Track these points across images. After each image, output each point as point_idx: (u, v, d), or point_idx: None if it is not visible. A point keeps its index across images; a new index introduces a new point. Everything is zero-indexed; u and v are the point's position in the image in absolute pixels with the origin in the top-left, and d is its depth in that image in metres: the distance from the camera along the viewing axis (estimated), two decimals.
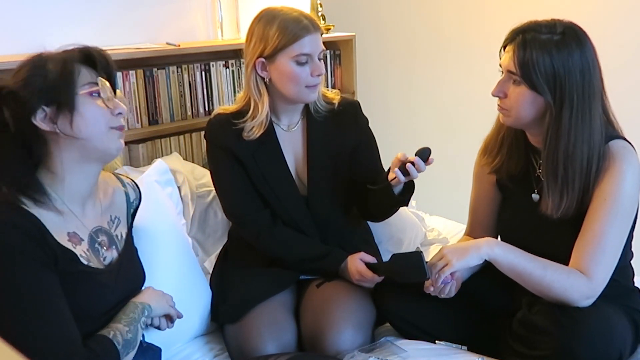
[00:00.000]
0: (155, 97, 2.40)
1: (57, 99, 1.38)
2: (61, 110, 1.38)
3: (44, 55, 1.43)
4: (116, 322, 1.45)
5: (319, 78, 1.92)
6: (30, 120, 1.38)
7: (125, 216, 1.61)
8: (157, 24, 2.60)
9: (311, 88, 1.93)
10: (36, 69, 1.40)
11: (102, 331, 1.43)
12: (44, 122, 1.39)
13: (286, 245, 1.96)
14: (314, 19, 1.92)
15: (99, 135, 1.42)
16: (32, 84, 1.38)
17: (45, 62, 1.41)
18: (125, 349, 1.43)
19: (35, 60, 1.42)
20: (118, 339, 1.42)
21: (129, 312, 1.49)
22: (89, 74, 1.44)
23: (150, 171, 2.07)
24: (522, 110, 1.65)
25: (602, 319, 1.57)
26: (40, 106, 1.38)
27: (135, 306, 1.51)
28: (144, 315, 1.51)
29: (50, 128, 1.39)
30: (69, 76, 1.40)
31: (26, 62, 1.43)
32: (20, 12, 2.25)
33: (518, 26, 1.66)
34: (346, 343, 1.77)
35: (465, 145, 2.30)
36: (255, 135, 1.95)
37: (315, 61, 1.90)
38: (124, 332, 1.44)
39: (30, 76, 1.39)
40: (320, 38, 1.92)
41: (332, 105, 2.03)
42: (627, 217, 1.65)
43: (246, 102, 1.97)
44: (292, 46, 1.87)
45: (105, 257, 1.49)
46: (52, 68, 1.40)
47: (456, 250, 1.68)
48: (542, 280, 1.62)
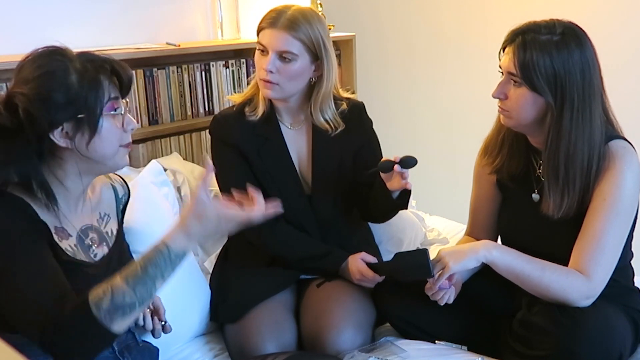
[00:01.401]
0: (155, 97, 2.40)
1: (79, 117, 1.33)
2: (80, 128, 1.34)
3: (66, 64, 1.34)
4: (119, 277, 1.27)
5: (267, 74, 1.87)
6: (48, 135, 1.33)
7: (115, 212, 1.60)
8: (157, 24, 2.60)
9: (261, 82, 1.91)
10: (59, 82, 1.32)
11: (97, 287, 1.26)
12: (61, 138, 1.35)
13: (287, 244, 1.96)
14: (293, 20, 1.86)
15: (109, 155, 1.41)
16: (54, 98, 1.31)
17: (67, 72, 1.33)
18: (112, 313, 1.23)
19: (56, 68, 1.33)
20: (102, 302, 1.23)
21: (144, 265, 1.27)
22: (112, 90, 1.39)
23: (144, 173, 2.06)
24: (523, 112, 1.65)
25: (602, 319, 1.57)
26: (61, 123, 1.34)
27: (157, 252, 1.27)
28: (172, 262, 1.26)
29: (67, 145, 1.36)
30: (96, 95, 1.34)
31: (45, 64, 1.33)
32: (20, 12, 2.25)
33: (517, 27, 1.65)
34: (346, 343, 1.77)
35: (465, 145, 2.30)
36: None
37: (269, 56, 1.87)
38: (118, 292, 1.24)
39: (53, 89, 1.31)
40: (282, 38, 1.85)
41: (340, 114, 2.01)
42: (627, 217, 1.65)
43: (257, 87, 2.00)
44: (259, 33, 1.92)
45: (96, 253, 1.48)
46: (76, 81, 1.33)
47: (453, 253, 1.68)
48: (541, 281, 1.62)
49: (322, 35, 1.90)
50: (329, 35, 1.95)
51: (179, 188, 2.22)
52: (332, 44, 1.94)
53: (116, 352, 1.49)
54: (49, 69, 1.33)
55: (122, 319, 1.25)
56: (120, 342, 1.51)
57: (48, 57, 1.36)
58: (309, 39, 1.87)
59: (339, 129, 1.99)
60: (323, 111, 1.97)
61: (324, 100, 1.96)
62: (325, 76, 1.93)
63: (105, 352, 1.46)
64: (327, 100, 1.97)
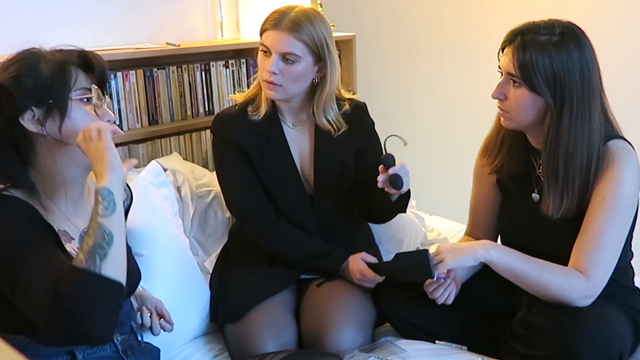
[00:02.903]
0: (155, 97, 2.40)
1: (47, 101, 1.36)
2: (51, 113, 1.36)
3: (37, 53, 1.40)
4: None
5: (271, 76, 1.87)
6: (18, 120, 1.36)
7: None
8: (157, 24, 2.60)
9: (264, 83, 1.91)
10: (28, 67, 1.37)
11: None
12: (32, 123, 1.37)
13: (288, 243, 1.96)
14: (296, 22, 1.85)
15: None
16: (22, 83, 1.35)
17: (37, 60, 1.38)
18: (92, 259, 1.23)
19: (27, 57, 1.39)
20: (79, 257, 1.24)
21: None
22: (84, 79, 1.41)
23: (144, 174, 2.06)
24: (522, 112, 1.65)
25: (602, 319, 1.57)
26: (29, 107, 1.36)
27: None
28: (101, 203, 1.27)
29: (38, 130, 1.37)
30: (63, 79, 1.37)
31: (17, 57, 1.39)
32: (19, 12, 2.24)
33: (516, 27, 1.65)
34: (346, 343, 1.77)
35: (465, 145, 2.30)
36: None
37: (272, 57, 1.87)
38: (85, 244, 1.25)
39: (22, 75, 1.36)
40: (285, 39, 1.85)
41: (343, 115, 2.01)
42: (626, 217, 1.65)
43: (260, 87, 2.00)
44: (262, 34, 1.91)
45: None
46: (45, 68, 1.37)
47: (452, 249, 1.69)
48: (540, 281, 1.62)
49: (325, 36, 1.90)
50: (332, 36, 1.94)
51: (179, 188, 2.22)
52: (335, 45, 1.94)
53: (120, 352, 1.49)
54: (19, 58, 1.39)
55: (104, 260, 1.24)
56: (123, 342, 1.51)
57: (22, 52, 1.41)
58: (312, 41, 1.87)
59: (341, 129, 1.99)
60: (326, 112, 1.97)
61: (327, 101, 1.96)
62: (328, 77, 1.93)
63: (109, 352, 1.47)
64: (329, 101, 1.97)
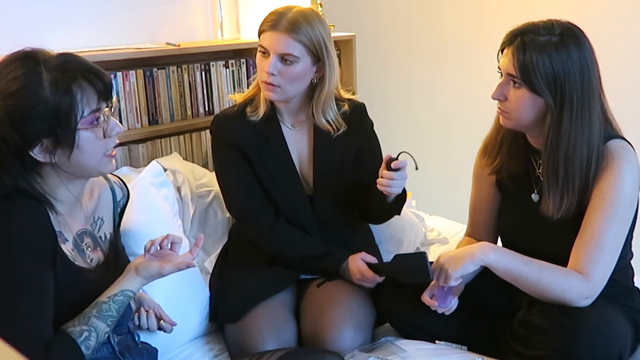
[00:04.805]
0: (155, 97, 2.40)
1: (56, 133, 1.33)
2: (60, 144, 1.34)
3: (38, 71, 1.31)
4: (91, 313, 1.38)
5: (269, 77, 1.87)
6: (27, 152, 1.33)
7: (110, 216, 1.59)
8: (157, 24, 2.60)
9: (263, 84, 1.91)
10: (31, 96, 1.29)
11: (71, 324, 1.36)
12: (41, 154, 1.35)
13: (287, 243, 1.97)
14: (294, 22, 1.85)
15: (94, 164, 1.41)
16: (32, 116, 1.30)
17: (40, 82, 1.30)
18: (87, 341, 1.35)
19: (29, 78, 1.31)
20: (81, 335, 1.35)
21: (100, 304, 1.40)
22: (92, 95, 1.36)
23: (144, 174, 2.05)
24: (523, 113, 1.65)
25: (602, 319, 1.57)
26: (40, 140, 1.33)
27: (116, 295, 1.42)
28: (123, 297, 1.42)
29: (47, 159, 1.35)
30: (69, 112, 1.32)
31: (17, 75, 1.31)
32: (19, 12, 2.24)
33: (515, 28, 1.65)
34: (346, 343, 1.77)
35: (465, 145, 2.30)
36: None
37: (270, 58, 1.87)
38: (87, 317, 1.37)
39: (28, 103, 1.29)
40: (283, 40, 1.85)
41: (342, 116, 2.01)
42: (626, 217, 1.65)
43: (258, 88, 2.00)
44: (260, 35, 1.91)
45: (92, 258, 1.48)
46: (51, 95, 1.30)
47: (451, 259, 1.69)
48: (539, 282, 1.62)
49: (324, 36, 1.90)
50: (331, 36, 1.94)
51: (179, 188, 2.22)
52: (333, 45, 1.94)
53: (116, 352, 1.49)
54: (22, 84, 1.31)
55: (92, 343, 1.37)
56: (120, 343, 1.51)
57: (22, 67, 1.32)
58: (310, 41, 1.87)
59: (340, 130, 1.99)
60: (325, 112, 1.97)
61: (326, 102, 1.96)
62: (327, 77, 1.93)
63: (106, 353, 1.47)
64: (329, 101, 1.97)
